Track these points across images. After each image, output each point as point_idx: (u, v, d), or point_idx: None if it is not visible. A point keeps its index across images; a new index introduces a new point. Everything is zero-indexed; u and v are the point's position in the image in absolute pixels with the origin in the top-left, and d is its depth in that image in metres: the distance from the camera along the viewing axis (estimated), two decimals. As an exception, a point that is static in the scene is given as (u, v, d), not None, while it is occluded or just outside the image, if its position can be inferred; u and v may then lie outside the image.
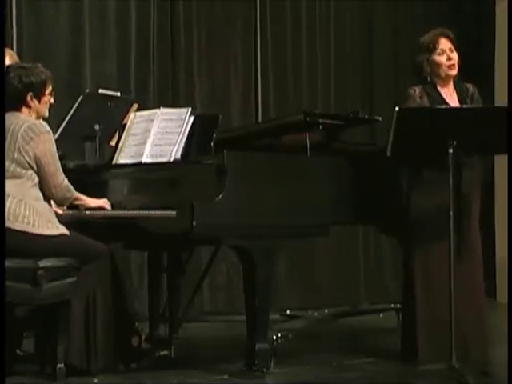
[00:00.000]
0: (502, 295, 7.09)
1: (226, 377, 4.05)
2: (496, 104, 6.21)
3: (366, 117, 5.28)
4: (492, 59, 7.21)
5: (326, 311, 6.46)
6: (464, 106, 4.28)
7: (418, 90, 4.30)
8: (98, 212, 4.14)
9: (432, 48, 4.27)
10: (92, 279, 3.95)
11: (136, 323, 4.34)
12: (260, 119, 6.54)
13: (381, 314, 6.27)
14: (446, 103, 4.28)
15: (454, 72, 4.29)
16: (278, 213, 4.06)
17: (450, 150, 4.02)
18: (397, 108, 4.00)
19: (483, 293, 4.36)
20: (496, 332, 5.26)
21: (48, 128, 3.97)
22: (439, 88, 4.32)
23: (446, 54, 4.27)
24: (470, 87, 4.37)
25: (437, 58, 4.28)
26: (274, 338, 4.15)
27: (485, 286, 4.42)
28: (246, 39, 6.60)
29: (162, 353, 4.31)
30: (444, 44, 4.28)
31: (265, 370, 4.02)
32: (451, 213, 4.02)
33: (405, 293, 4.39)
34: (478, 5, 7.60)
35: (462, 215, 4.21)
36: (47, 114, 4.04)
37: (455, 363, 3.96)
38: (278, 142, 4.63)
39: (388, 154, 4.06)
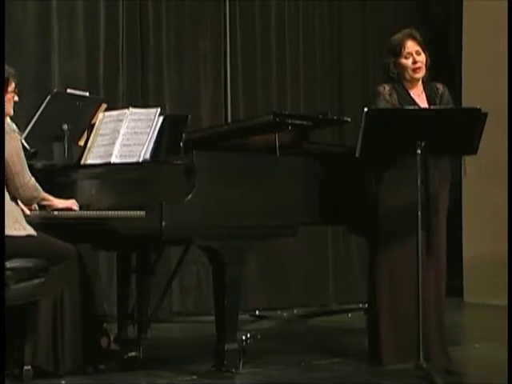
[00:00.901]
0: (468, 295, 7.16)
1: (194, 377, 4.04)
2: (463, 104, 6.26)
3: (335, 117, 5.31)
4: (459, 59, 7.27)
5: (295, 311, 6.48)
6: (432, 106, 4.31)
7: (387, 88, 4.32)
8: (65, 213, 4.12)
9: (398, 51, 4.29)
10: (60, 280, 3.92)
11: (105, 324, 4.31)
12: (229, 119, 6.54)
13: (349, 314, 6.30)
14: (415, 103, 4.31)
15: (419, 75, 4.31)
16: (247, 213, 4.06)
17: (418, 151, 4.05)
18: (366, 109, 4.02)
19: (444, 293, 4.39)
20: (462, 331, 5.31)
21: (14, 127, 3.93)
22: (408, 88, 4.35)
23: (412, 56, 4.29)
24: (441, 87, 4.40)
25: (403, 61, 4.30)
26: (243, 338, 4.14)
27: (452, 286, 4.45)
28: (216, 40, 6.60)
29: (130, 354, 4.30)
30: (410, 47, 4.29)
31: (234, 370, 4.02)
32: (419, 213, 4.05)
33: (370, 292, 4.41)
34: (446, 4, 7.67)
35: (429, 215, 4.24)
36: (12, 112, 4.00)
37: (422, 362, 3.99)
38: (247, 142, 4.64)
39: (357, 154, 4.08)
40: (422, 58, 4.30)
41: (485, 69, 7.08)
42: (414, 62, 4.28)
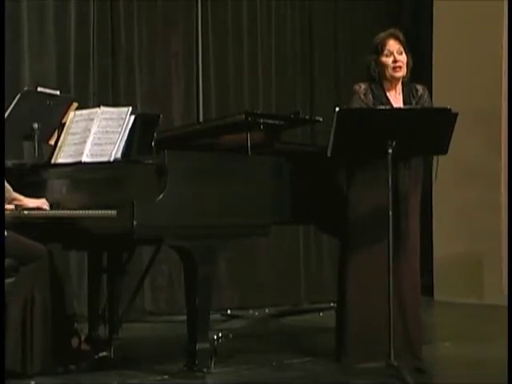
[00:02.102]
0: (439, 293, 7.21)
1: (166, 377, 4.04)
2: (434, 104, 6.29)
3: (307, 117, 5.32)
4: (430, 59, 7.32)
5: (267, 311, 6.49)
6: (403, 106, 4.33)
7: (363, 87, 4.34)
8: (36, 212, 4.09)
9: (380, 49, 4.31)
10: (30, 280, 3.90)
11: (75, 324, 4.30)
12: (201, 119, 6.53)
13: (321, 313, 6.32)
14: (390, 103, 4.33)
15: (400, 74, 4.33)
16: (219, 213, 4.06)
17: (389, 150, 4.07)
18: (337, 108, 4.03)
19: (419, 292, 4.41)
20: (433, 330, 5.35)
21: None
22: (385, 88, 4.36)
23: (393, 55, 4.30)
24: (420, 89, 4.41)
25: (383, 59, 4.32)
26: (215, 337, 4.14)
27: (422, 285, 4.48)
28: (188, 39, 6.59)
29: (101, 354, 4.28)
30: (392, 46, 4.31)
31: (205, 369, 4.02)
32: (390, 213, 4.07)
33: (339, 292, 4.43)
34: (416, 4, 7.71)
35: (400, 215, 4.26)
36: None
37: (393, 361, 4.01)
38: (219, 141, 4.63)
39: (329, 154, 4.09)
40: (403, 57, 4.32)
41: (455, 69, 7.14)
42: (395, 61, 4.30)
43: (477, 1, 7.03)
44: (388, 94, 4.36)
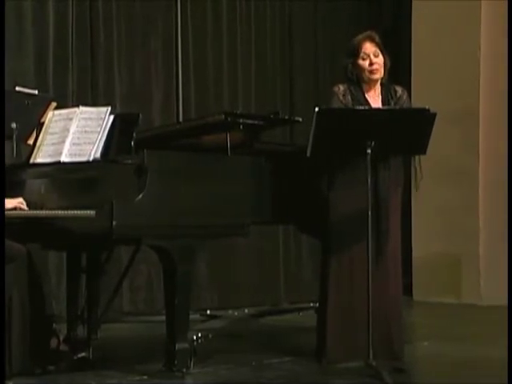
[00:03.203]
0: (418, 293, 7.24)
1: (145, 377, 4.03)
2: (413, 104, 6.32)
3: (286, 117, 5.33)
4: (409, 59, 7.35)
5: (246, 311, 6.49)
6: (382, 107, 4.35)
7: (341, 88, 4.35)
8: (14, 212, 4.07)
9: (356, 52, 4.32)
10: (8, 280, 3.87)
11: (54, 325, 4.27)
12: (181, 119, 6.52)
13: (300, 313, 6.33)
14: (368, 104, 4.34)
15: (377, 76, 4.34)
16: (198, 213, 4.05)
17: (369, 151, 4.09)
18: (317, 108, 4.04)
19: (400, 292, 4.43)
20: (412, 329, 5.37)
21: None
22: (364, 90, 4.37)
23: (370, 58, 4.32)
24: (399, 90, 4.43)
25: (360, 62, 4.33)
26: (194, 337, 4.13)
27: (402, 285, 4.49)
28: (167, 38, 6.58)
29: (80, 354, 4.26)
30: (368, 48, 4.32)
31: (184, 370, 4.02)
32: (369, 213, 4.08)
33: (320, 293, 4.44)
34: (396, 5, 7.74)
35: (380, 215, 4.27)
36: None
37: (372, 361, 4.02)
38: (199, 141, 4.63)
39: (308, 154, 4.10)
40: (380, 59, 4.33)
41: (434, 69, 7.17)
42: (371, 64, 4.31)
43: (455, 2, 7.07)
44: (367, 96, 4.37)
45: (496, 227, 6.99)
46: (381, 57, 4.33)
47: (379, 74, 4.34)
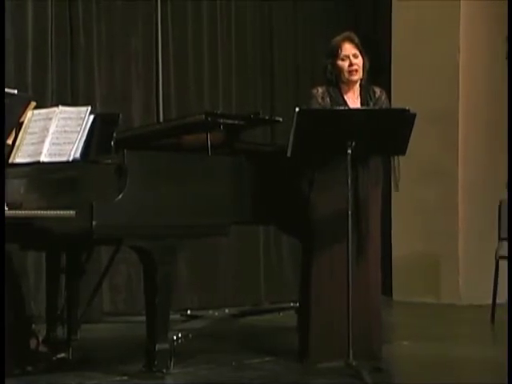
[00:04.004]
0: (398, 293, 7.27)
1: (125, 378, 4.02)
2: (393, 105, 6.35)
3: (267, 117, 5.34)
4: (389, 60, 7.38)
5: (227, 311, 6.49)
6: (362, 107, 4.36)
7: (320, 90, 4.36)
8: (-7, 212, 4.04)
9: (336, 53, 4.33)
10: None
11: (33, 325, 4.25)
12: (161, 119, 6.51)
13: (281, 313, 6.34)
14: (347, 106, 4.35)
15: (356, 77, 4.36)
16: (178, 213, 4.05)
17: (349, 151, 4.10)
18: (297, 108, 4.05)
19: (379, 293, 4.44)
20: (391, 329, 5.39)
21: None
22: (343, 91, 4.38)
23: (349, 59, 4.33)
24: (378, 91, 4.45)
25: (339, 63, 4.34)
26: (175, 338, 4.13)
27: (382, 285, 4.51)
28: (147, 38, 6.56)
29: (59, 355, 4.24)
30: (348, 49, 4.33)
31: (165, 370, 4.01)
32: (349, 213, 4.09)
33: (301, 293, 4.45)
34: (375, 5, 7.77)
35: (360, 215, 4.28)
36: None
37: (352, 361, 4.04)
38: (179, 141, 4.62)
39: (288, 154, 4.10)
40: (359, 61, 4.34)
41: (413, 70, 7.21)
42: (351, 65, 4.32)
43: (435, 3, 7.11)
44: (345, 97, 4.38)
45: (475, 227, 7.03)
46: (360, 58, 4.35)
47: (358, 76, 4.36)
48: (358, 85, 4.41)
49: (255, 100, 7.13)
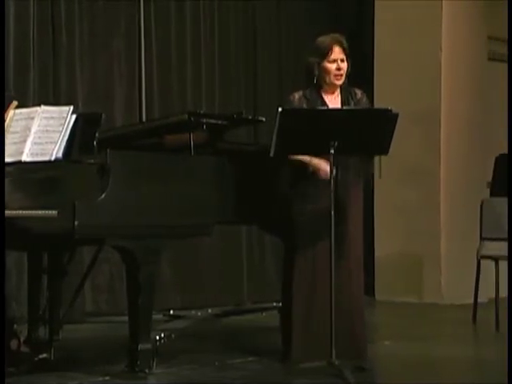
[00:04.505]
0: (380, 293, 7.29)
1: (107, 378, 4.01)
2: (375, 105, 6.37)
3: (250, 117, 5.33)
4: (371, 59, 7.39)
5: (209, 311, 6.48)
6: (344, 107, 4.37)
7: (296, 97, 4.36)
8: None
9: (325, 54, 4.32)
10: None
11: (14, 326, 4.23)
12: (144, 118, 6.50)
13: (263, 313, 6.34)
14: (327, 106, 4.35)
15: (339, 82, 4.35)
16: (161, 213, 4.04)
17: (332, 151, 4.11)
18: (280, 108, 4.05)
19: (362, 292, 4.45)
20: (374, 329, 5.41)
21: None
22: (323, 92, 4.38)
23: (337, 63, 4.32)
24: (359, 93, 4.45)
25: (327, 65, 4.32)
26: (157, 338, 4.12)
27: (364, 285, 4.52)
28: (130, 38, 6.54)
29: (41, 355, 4.22)
30: (337, 53, 4.32)
31: (147, 370, 4.00)
32: (332, 212, 4.10)
33: (283, 293, 4.45)
34: (358, 4, 7.78)
35: (342, 215, 4.29)
36: None
37: (334, 360, 4.04)
38: (162, 141, 4.61)
39: (271, 154, 4.11)
40: (345, 66, 4.34)
41: (396, 70, 7.22)
42: (338, 69, 4.32)
43: (417, 3, 7.13)
44: (326, 97, 4.37)
45: (457, 227, 7.06)
46: (346, 63, 4.34)
47: (342, 80, 4.36)
48: (338, 87, 4.41)
49: (238, 100, 7.13)
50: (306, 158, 4.26)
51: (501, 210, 6.04)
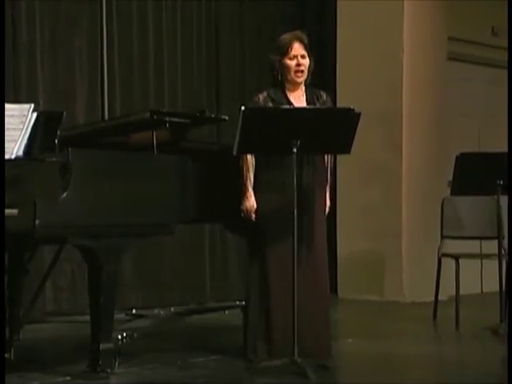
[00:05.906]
0: (342, 291, 7.33)
1: (68, 378, 3.98)
2: (338, 104, 6.40)
3: (213, 116, 5.33)
4: (334, 59, 7.43)
5: (172, 310, 6.47)
6: (307, 106, 4.38)
7: (261, 98, 4.37)
8: None
9: (285, 51, 4.34)
10: None
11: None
12: (106, 117, 6.46)
13: (226, 312, 6.34)
14: (292, 105, 4.36)
15: (301, 79, 4.37)
16: (123, 212, 4.02)
17: (294, 150, 4.12)
18: (243, 107, 4.06)
19: (328, 291, 4.46)
20: (336, 326, 5.42)
21: None
22: (287, 91, 4.39)
23: (297, 59, 4.34)
24: (324, 95, 4.47)
25: (287, 62, 4.35)
26: (119, 337, 4.11)
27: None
28: (92, 36, 6.49)
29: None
30: (297, 49, 4.34)
31: (109, 370, 3.98)
32: (295, 211, 4.11)
33: (246, 292, 4.46)
34: (320, 5, 7.81)
35: (305, 214, 4.30)
36: None
37: (297, 358, 4.05)
38: (124, 139, 4.59)
39: (234, 153, 4.11)
40: (306, 62, 4.36)
41: (358, 69, 7.26)
42: (298, 65, 4.33)
43: (379, 3, 7.17)
44: (290, 96, 4.39)
45: (418, 226, 7.12)
46: (307, 59, 4.36)
47: (303, 77, 4.38)
48: (302, 84, 4.42)
49: (201, 98, 7.11)
50: (247, 182, 4.30)
51: (461, 209, 6.11)
